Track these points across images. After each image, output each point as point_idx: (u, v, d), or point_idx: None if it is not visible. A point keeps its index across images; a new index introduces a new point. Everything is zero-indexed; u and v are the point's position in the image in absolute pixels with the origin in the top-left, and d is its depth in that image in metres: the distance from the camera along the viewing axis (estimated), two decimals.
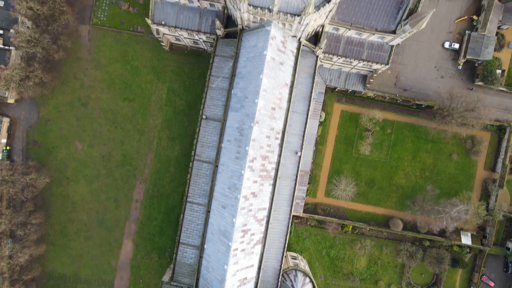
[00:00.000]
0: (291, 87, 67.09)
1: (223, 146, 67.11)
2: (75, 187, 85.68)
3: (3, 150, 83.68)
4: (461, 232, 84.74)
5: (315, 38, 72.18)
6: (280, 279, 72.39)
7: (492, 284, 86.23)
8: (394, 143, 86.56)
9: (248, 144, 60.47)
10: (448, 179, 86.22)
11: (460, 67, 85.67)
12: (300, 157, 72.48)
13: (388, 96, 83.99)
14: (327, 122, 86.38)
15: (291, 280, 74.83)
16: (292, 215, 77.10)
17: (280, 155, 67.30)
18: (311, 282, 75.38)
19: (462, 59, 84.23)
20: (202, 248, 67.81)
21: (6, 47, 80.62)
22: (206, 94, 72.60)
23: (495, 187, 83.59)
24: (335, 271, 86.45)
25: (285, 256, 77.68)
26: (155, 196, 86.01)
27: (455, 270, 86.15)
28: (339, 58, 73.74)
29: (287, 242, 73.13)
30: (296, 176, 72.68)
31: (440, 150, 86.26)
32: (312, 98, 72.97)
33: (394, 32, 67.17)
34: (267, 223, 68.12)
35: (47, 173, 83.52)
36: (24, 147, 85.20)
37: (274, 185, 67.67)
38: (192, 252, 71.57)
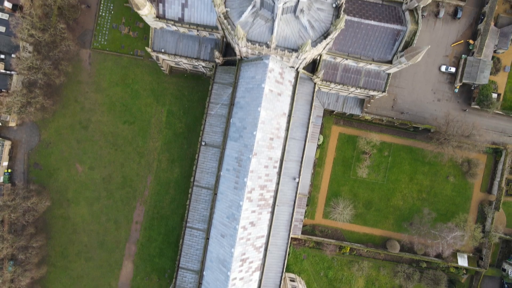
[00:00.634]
0: (289, 116, 67.95)
1: (222, 174, 68.06)
2: (75, 209, 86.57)
3: (5, 172, 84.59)
4: (457, 254, 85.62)
5: (313, 65, 73.21)
6: None
7: None
8: (392, 165, 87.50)
9: (246, 175, 61.40)
10: (444, 201, 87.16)
11: (456, 90, 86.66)
12: (298, 183, 73.38)
13: (386, 119, 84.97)
14: (325, 145, 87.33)
15: None
16: (291, 237, 78.09)
17: (278, 183, 68.17)
18: None
19: (458, 82, 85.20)
20: (201, 274, 68.70)
21: (8, 72, 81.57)
22: (205, 120, 73.60)
23: (491, 209, 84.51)
24: None
25: (283, 278, 78.62)
26: (155, 217, 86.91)
27: None
28: (336, 85, 74.67)
29: (285, 266, 74.10)
30: (294, 201, 73.61)
31: (437, 172, 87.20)
32: (310, 122, 73.98)
33: (391, 62, 68.12)
34: (265, 250, 68.98)
35: (48, 195, 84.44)
36: (26, 170, 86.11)
37: (273, 212, 68.55)
38: (191, 276, 72.46)
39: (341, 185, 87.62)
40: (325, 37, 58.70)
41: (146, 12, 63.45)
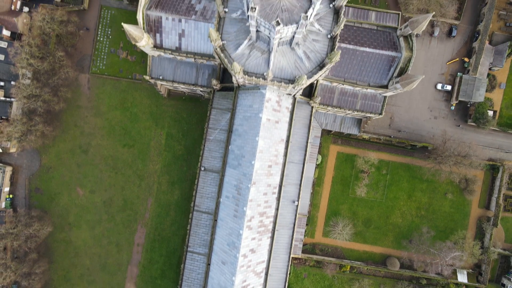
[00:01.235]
0: (287, 142, 68.61)
1: (221, 201, 68.74)
2: (77, 233, 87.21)
3: (6, 198, 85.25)
4: (457, 270, 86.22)
5: (310, 88, 73.79)
6: None
7: None
8: (390, 183, 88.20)
9: (245, 204, 62.10)
10: (443, 218, 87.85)
11: (452, 108, 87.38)
12: (297, 206, 74.08)
13: (383, 138, 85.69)
14: (324, 164, 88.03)
15: None
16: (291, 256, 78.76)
17: (277, 208, 68.85)
18: None
19: (454, 100, 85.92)
20: None
21: (8, 99, 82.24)
22: (204, 146, 74.34)
23: (490, 226, 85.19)
24: None
25: None
26: (156, 239, 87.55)
27: None
28: (334, 108, 75.37)
29: (286, 287, 74.78)
30: (294, 224, 74.26)
31: (435, 189, 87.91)
32: (308, 145, 74.65)
33: (386, 87, 68.83)
34: (266, 274, 69.67)
35: (50, 220, 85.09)
36: (27, 195, 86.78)
37: (272, 237, 69.23)
38: None
39: (340, 203, 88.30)
40: (321, 67, 59.43)
41: (144, 43, 64.18)
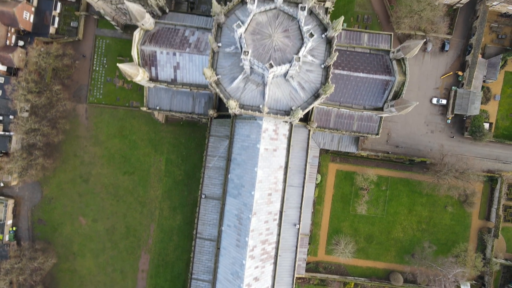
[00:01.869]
0: (286, 167, 69.06)
1: (223, 229, 69.27)
2: (82, 262, 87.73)
3: (10, 231, 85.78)
4: (460, 282, 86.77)
5: (306, 112, 74.06)
6: None
7: None
8: (390, 198, 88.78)
9: (247, 235, 62.66)
10: (444, 230, 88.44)
11: (449, 121, 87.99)
12: (299, 229, 74.65)
13: (381, 155, 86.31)
14: (323, 183, 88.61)
15: None
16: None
17: (279, 234, 69.32)
18: None
19: (450, 114, 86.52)
20: None
21: (7, 133, 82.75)
22: (204, 173, 74.87)
23: (491, 237, 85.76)
24: None
25: None
26: (161, 265, 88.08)
27: None
28: (331, 131, 76.00)
29: None
30: (296, 247, 74.78)
31: (435, 202, 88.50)
32: (307, 167, 75.20)
33: (382, 109, 69.37)
34: None
35: (54, 251, 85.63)
36: (30, 226, 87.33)
37: (276, 263, 69.70)
38: None
39: (341, 221, 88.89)
40: (316, 97, 59.96)
41: (140, 78, 64.75)
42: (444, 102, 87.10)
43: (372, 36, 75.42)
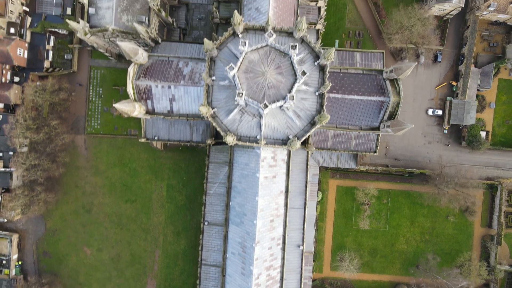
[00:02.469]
0: (286, 192, 69.58)
1: (227, 257, 69.74)
2: None
3: (16, 265, 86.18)
4: None
5: None
6: None
7: None
8: (392, 211, 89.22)
9: (252, 263, 63.08)
10: (447, 240, 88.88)
11: (445, 131, 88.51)
12: (303, 250, 75.09)
13: (381, 169, 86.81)
14: (325, 199, 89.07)
15: None
16: None
17: (283, 258, 69.81)
18: None
19: (446, 124, 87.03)
20: None
21: (7, 170, 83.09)
22: (205, 200, 75.32)
23: (494, 245, 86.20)
24: None
25: None
26: None
27: None
28: (329, 151, 76.51)
29: None
30: (301, 268, 75.23)
31: (437, 213, 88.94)
32: (307, 188, 75.68)
33: (378, 128, 69.80)
34: None
35: (60, 283, 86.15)
36: (35, 259, 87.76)
37: (281, 286, 70.20)
38: None
39: (344, 236, 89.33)
40: (312, 124, 60.46)
41: (136, 113, 65.28)
42: (440, 112, 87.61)
43: (364, 55, 75.94)
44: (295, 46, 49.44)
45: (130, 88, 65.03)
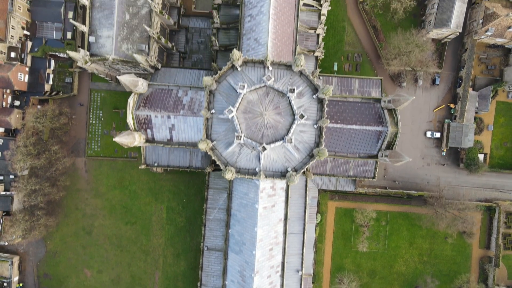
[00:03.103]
0: (285, 219, 70.00)
1: (227, 284, 70.18)
2: None
3: (17, 287, 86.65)
4: None
5: None
6: None
7: None
8: (390, 232, 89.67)
9: None
10: (446, 262, 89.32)
11: (444, 153, 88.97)
12: (301, 275, 75.62)
13: (379, 191, 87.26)
14: (323, 221, 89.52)
15: None
16: None
17: (282, 285, 70.27)
18: None
19: (445, 147, 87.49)
20: None
21: (8, 193, 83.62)
22: (205, 226, 75.86)
23: (491, 267, 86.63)
24: None
25: None
26: None
27: None
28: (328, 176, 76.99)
29: None
30: None
31: (435, 234, 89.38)
32: (306, 214, 76.20)
33: (376, 156, 70.28)
34: None
35: None
36: (36, 281, 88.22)
37: None
38: None
39: (343, 257, 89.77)
40: (310, 156, 60.90)
41: (136, 143, 65.69)
42: (438, 135, 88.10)
43: (363, 81, 76.44)
44: (293, 90, 49.90)
45: (130, 119, 65.47)
